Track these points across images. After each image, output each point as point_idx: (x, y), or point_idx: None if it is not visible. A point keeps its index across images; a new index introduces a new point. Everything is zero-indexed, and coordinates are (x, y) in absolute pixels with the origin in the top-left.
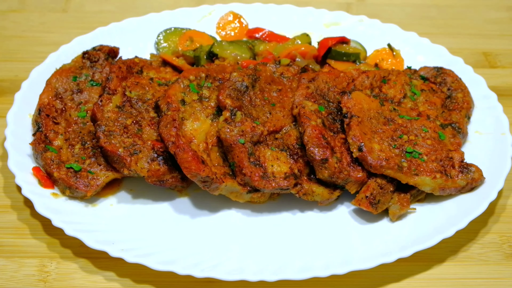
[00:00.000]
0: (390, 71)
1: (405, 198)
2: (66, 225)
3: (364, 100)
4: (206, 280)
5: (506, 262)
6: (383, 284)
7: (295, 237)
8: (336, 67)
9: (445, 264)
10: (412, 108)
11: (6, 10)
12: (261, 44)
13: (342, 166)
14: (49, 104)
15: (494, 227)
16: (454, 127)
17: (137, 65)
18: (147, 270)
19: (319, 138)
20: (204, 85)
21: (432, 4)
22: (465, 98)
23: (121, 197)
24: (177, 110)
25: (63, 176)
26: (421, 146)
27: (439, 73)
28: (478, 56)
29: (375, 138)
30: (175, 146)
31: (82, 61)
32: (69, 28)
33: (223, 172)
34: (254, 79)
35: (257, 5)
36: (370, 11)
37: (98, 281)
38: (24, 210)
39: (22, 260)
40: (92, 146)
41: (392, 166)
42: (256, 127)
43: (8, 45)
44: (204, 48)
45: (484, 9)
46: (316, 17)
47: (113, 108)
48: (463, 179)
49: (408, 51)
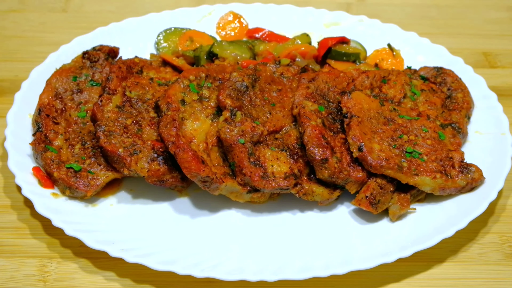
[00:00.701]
0: (390, 71)
1: (405, 198)
2: (66, 225)
3: (364, 100)
4: (206, 280)
5: (506, 262)
6: (383, 284)
7: (295, 237)
8: (336, 67)
9: (445, 264)
10: (412, 108)
11: (6, 10)
12: (261, 44)
13: (342, 166)
14: (49, 104)
15: (494, 227)
16: (454, 127)
17: (137, 65)
18: (147, 270)
19: (319, 138)
20: (204, 85)
21: (432, 4)
22: (465, 98)
23: (121, 197)
24: (177, 110)
25: (63, 176)
26: (421, 146)
27: (439, 73)
28: (478, 56)
29: (375, 138)
30: (175, 146)
31: (82, 61)
32: (69, 28)
33: (223, 172)
34: (254, 79)
35: (257, 5)
36: (370, 11)
37: (98, 281)
38: (24, 210)
39: (22, 260)
40: (92, 146)
41: (392, 166)
42: (256, 127)
43: (8, 45)
44: (204, 48)
45: (484, 9)
46: (316, 17)
47: (113, 108)
48: (463, 179)
49: (408, 51)
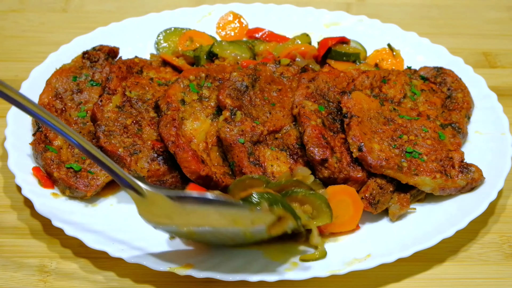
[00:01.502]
0: (390, 71)
1: (405, 198)
2: (66, 225)
3: (364, 100)
4: (206, 280)
5: (506, 262)
6: (383, 284)
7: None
8: (336, 67)
9: (445, 264)
10: (412, 108)
11: (6, 10)
12: (261, 44)
13: (342, 166)
14: (49, 104)
15: (494, 227)
16: (454, 127)
17: (137, 65)
18: (147, 270)
19: (319, 138)
20: (204, 85)
21: (432, 4)
22: (465, 98)
23: (121, 197)
24: (177, 110)
25: (63, 176)
26: (421, 146)
27: (439, 73)
28: (478, 56)
29: (375, 138)
30: (175, 145)
31: (82, 61)
32: (69, 28)
33: (223, 171)
34: (254, 79)
35: (257, 5)
36: (370, 11)
37: (98, 281)
38: (24, 210)
39: (22, 260)
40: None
41: (392, 166)
42: (256, 126)
43: (8, 45)
44: (204, 48)
45: (484, 9)
46: (316, 17)
47: (113, 108)
48: (463, 179)
49: (408, 51)
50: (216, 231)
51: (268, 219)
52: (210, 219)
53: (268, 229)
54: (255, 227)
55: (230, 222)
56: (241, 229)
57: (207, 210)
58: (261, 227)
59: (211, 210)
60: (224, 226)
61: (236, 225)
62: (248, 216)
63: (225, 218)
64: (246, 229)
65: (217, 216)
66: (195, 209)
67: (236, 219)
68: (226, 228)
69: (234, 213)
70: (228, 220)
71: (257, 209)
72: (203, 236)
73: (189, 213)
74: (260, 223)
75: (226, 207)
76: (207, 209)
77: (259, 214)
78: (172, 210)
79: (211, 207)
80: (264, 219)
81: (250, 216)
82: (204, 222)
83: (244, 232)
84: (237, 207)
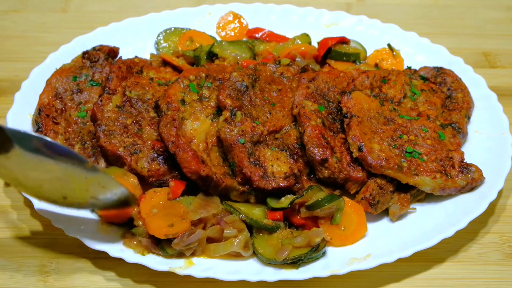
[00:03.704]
0: (390, 71)
1: (405, 198)
2: (66, 225)
3: (364, 100)
4: (206, 280)
5: (506, 262)
6: (383, 284)
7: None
8: (336, 67)
9: (445, 264)
10: (412, 108)
11: (6, 10)
12: (261, 44)
13: (342, 166)
14: (49, 104)
15: (494, 227)
16: (454, 127)
17: (137, 65)
18: (147, 270)
19: (319, 138)
20: (204, 85)
21: (432, 4)
22: (465, 98)
23: None
24: (177, 110)
25: None
26: (421, 146)
27: (439, 73)
28: (478, 56)
29: (375, 138)
30: (175, 145)
31: (82, 61)
32: (69, 28)
33: (223, 172)
34: (254, 79)
35: (257, 5)
36: (370, 11)
37: (98, 281)
38: (24, 210)
39: (22, 260)
40: (92, 146)
41: (392, 166)
42: (256, 127)
43: (8, 45)
44: (204, 48)
45: (484, 9)
46: (316, 17)
47: (113, 108)
48: (463, 179)
49: (408, 51)
50: (48, 180)
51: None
52: (46, 168)
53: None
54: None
55: (65, 175)
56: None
57: (46, 159)
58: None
59: (50, 161)
60: (58, 177)
61: (71, 179)
62: (82, 172)
63: (61, 170)
64: (80, 186)
65: (53, 166)
66: (35, 156)
67: (71, 173)
68: (59, 178)
69: (70, 167)
70: (63, 173)
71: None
72: (37, 186)
73: (27, 157)
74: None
75: (65, 158)
76: (46, 159)
77: (94, 173)
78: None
79: (51, 159)
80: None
81: (85, 173)
82: (40, 169)
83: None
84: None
